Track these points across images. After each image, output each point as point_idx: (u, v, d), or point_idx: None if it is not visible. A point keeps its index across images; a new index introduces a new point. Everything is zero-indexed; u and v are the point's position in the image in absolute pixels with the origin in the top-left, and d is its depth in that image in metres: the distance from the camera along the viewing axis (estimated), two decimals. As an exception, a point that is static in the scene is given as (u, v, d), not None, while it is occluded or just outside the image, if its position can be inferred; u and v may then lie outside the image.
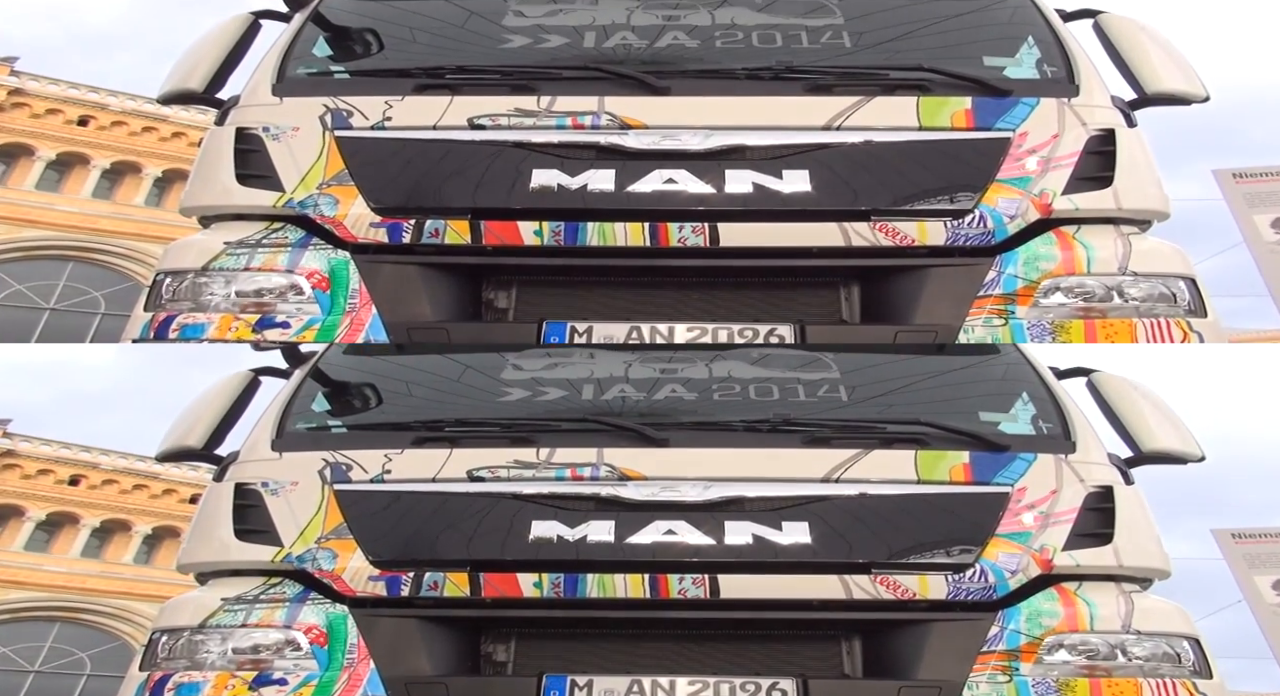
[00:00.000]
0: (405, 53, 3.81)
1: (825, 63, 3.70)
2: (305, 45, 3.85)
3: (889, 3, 3.95)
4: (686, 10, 3.87)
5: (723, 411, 3.73)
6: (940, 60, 3.69)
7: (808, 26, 3.84)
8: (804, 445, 3.53)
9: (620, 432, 3.55)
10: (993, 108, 3.62)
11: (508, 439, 3.57)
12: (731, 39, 3.81)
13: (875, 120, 3.60)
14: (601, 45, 3.78)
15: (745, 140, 3.53)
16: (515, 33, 3.84)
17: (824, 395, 3.81)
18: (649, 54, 3.74)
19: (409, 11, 3.96)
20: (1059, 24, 3.93)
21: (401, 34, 3.88)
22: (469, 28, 3.87)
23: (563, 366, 3.95)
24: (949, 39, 3.83)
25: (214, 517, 3.60)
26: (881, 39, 3.82)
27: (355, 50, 3.88)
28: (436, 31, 3.87)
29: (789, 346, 3.63)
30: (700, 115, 3.56)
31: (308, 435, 3.71)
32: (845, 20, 3.86)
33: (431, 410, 3.77)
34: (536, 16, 3.88)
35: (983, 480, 3.49)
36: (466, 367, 3.96)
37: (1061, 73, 3.76)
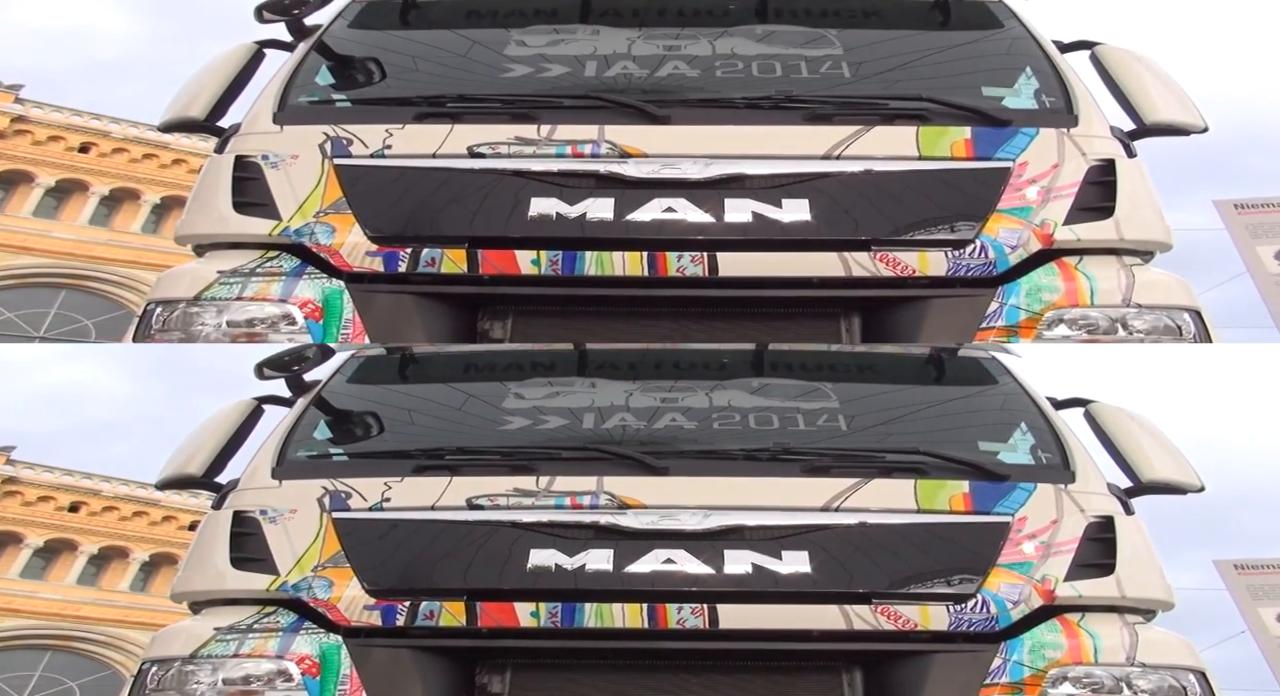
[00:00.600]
0: (407, 81, 3.83)
1: (824, 92, 3.72)
2: (308, 74, 3.87)
3: (887, 34, 3.98)
4: (687, 40, 3.90)
5: (723, 440, 3.73)
6: (939, 90, 3.70)
7: (807, 57, 3.86)
8: (804, 474, 3.52)
9: (620, 461, 3.54)
10: (992, 137, 3.63)
11: (508, 467, 3.57)
12: (731, 69, 3.83)
13: (875, 149, 3.60)
14: (602, 74, 3.80)
15: (745, 169, 3.54)
16: (517, 62, 3.85)
17: (823, 424, 3.82)
18: (649, 83, 3.76)
19: (412, 41, 3.99)
20: (1056, 55, 3.95)
21: (404, 63, 3.90)
22: (471, 57, 3.90)
23: (564, 395, 3.96)
24: (947, 69, 3.85)
25: (210, 546, 3.59)
26: (880, 69, 3.84)
27: (357, 79, 3.89)
28: (439, 61, 3.89)
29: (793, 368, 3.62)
30: (700, 144, 3.57)
31: (308, 463, 3.71)
32: (844, 51, 3.89)
33: (432, 438, 3.77)
34: (538, 46, 3.91)
35: (983, 509, 3.49)
36: (469, 396, 3.98)
37: (1060, 103, 3.77)
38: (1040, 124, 3.69)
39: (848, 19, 4.03)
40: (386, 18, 4.08)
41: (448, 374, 4.17)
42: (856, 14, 4.05)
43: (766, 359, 4.17)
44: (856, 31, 3.99)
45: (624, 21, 4.01)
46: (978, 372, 4.14)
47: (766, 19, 4.02)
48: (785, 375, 4.06)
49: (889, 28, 4.02)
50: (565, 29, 3.99)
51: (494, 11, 4.07)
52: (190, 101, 3.95)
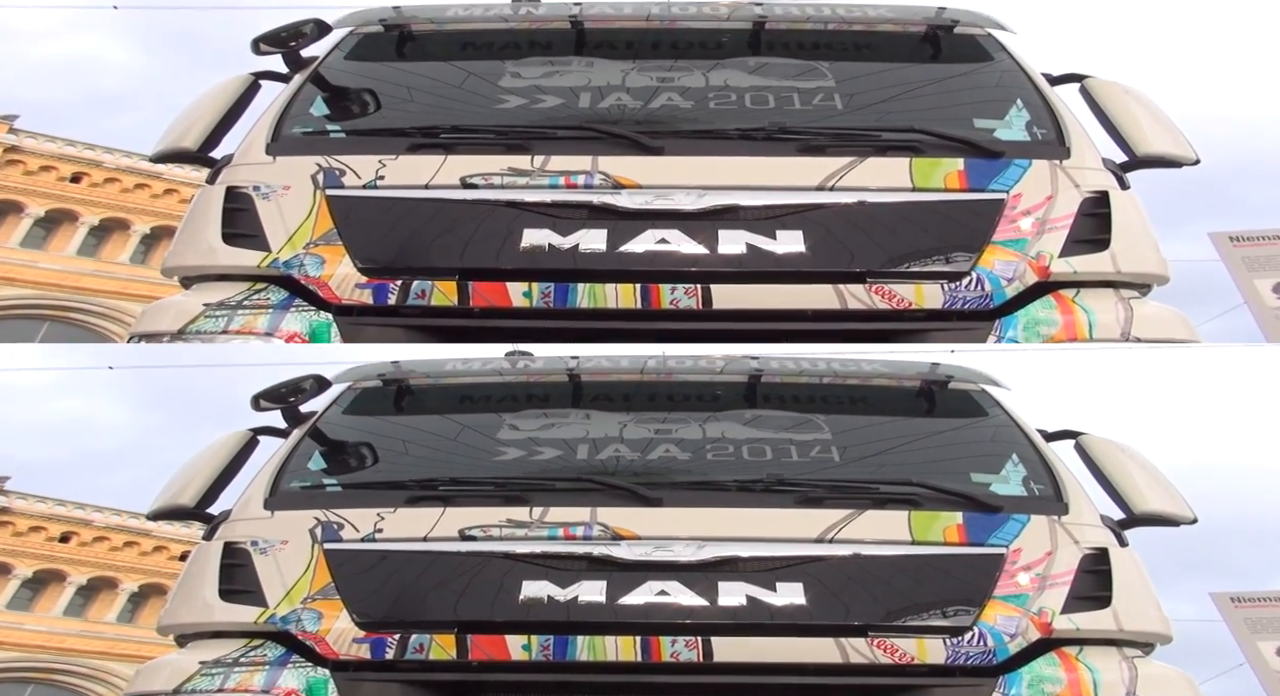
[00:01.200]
0: (401, 112, 3.82)
1: (817, 124, 3.71)
2: (302, 105, 3.86)
3: (878, 66, 3.97)
4: (680, 72, 3.89)
5: (716, 471, 3.72)
6: (931, 122, 3.69)
7: (799, 88, 3.85)
8: (797, 505, 3.51)
9: (614, 492, 3.53)
10: (985, 169, 3.62)
11: (501, 498, 3.55)
12: (725, 100, 3.82)
13: (868, 181, 3.59)
14: (596, 105, 3.78)
15: (739, 200, 3.52)
16: (511, 93, 3.84)
17: (816, 456, 3.81)
18: (643, 114, 3.75)
19: (408, 72, 3.98)
20: (1046, 87, 3.94)
21: (399, 94, 3.89)
22: (466, 88, 3.89)
23: (558, 426, 3.95)
24: (939, 101, 3.84)
25: (199, 577, 3.56)
26: (872, 101, 3.83)
27: (351, 110, 3.89)
28: (433, 92, 3.88)
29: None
30: (694, 175, 3.56)
31: (301, 494, 3.69)
32: (836, 82, 3.88)
33: (426, 469, 3.75)
34: (533, 77, 3.89)
35: (977, 541, 3.47)
36: (463, 427, 3.97)
37: (1051, 135, 3.76)
38: (1032, 156, 3.68)
39: (839, 51, 4.02)
40: (383, 49, 4.08)
41: (443, 405, 4.16)
42: (848, 46, 4.05)
43: (759, 391, 4.18)
44: (848, 64, 3.99)
45: (618, 53, 4.00)
46: (968, 405, 4.13)
47: (759, 51, 4.01)
48: (778, 407, 4.05)
49: (880, 60, 4.01)
50: (560, 61, 3.98)
51: (489, 43, 4.07)
52: (183, 133, 3.95)
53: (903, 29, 4.08)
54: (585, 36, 4.06)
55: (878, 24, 4.09)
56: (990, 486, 3.68)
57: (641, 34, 4.07)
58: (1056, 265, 3.58)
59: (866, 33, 4.07)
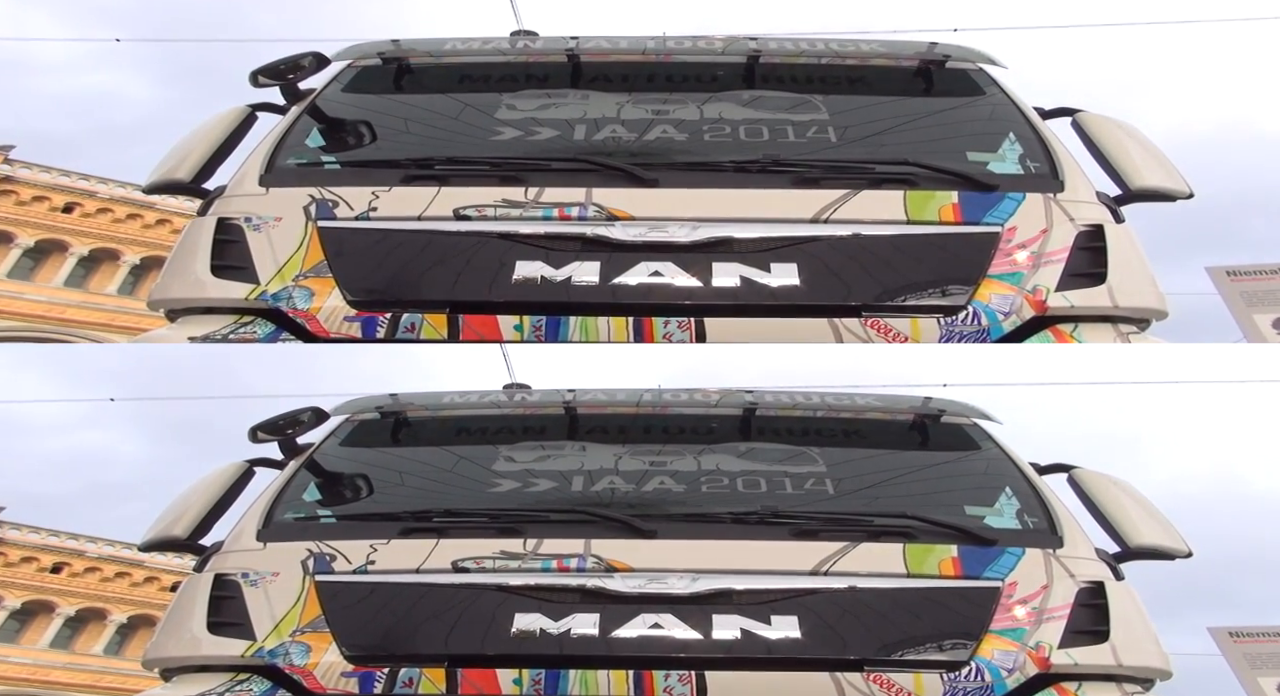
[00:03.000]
0: (396, 144, 3.82)
1: (811, 156, 3.70)
2: (298, 136, 3.85)
3: (871, 99, 3.97)
4: (675, 105, 3.88)
5: (711, 503, 3.71)
6: (924, 155, 3.68)
7: (793, 121, 3.85)
8: (792, 537, 3.50)
9: (608, 524, 3.51)
10: (979, 202, 3.60)
11: (495, 529, 3.53)
12: (719, 133, 3.81)
13: (863, 213, 3.57)
14: (591, 138, 3.77)
15: (733, 232, 3.50)
16: (506, 125, 3.84)
17: (811, 488, 3.80)
18: (638, 146, 3.74)
19: (404, 104, 3.97)
20: (1038, 121, 3.94)
21: (394, 126, 3.89)
22: (462, 120, 3.88)
23: (554, 458, 3.94)
24: (932, 134, 3.84)
25: (188, 610, 3.52)
26: (866, 133, 3.83)
27: (347, 141, 3.87)
28: (429, 123, 3.88)
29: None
30: (688, 207, 3.54)
31: (295, 525, 3.67)
32: (830, 115, 3.87)
33: (421, 501, 3.73)
34: (528, 110, 3.89)
35: (972, 574, 3.45)
36: (459, 459, 3.95)
37: (1045, 168, 3.75)
38: (1026, 188, 3.67)
39: (833, 85, 4.02)
40: (380, 82, 4.07)
41: (439, 437, 4.14)
42: (841, 80, 4.04)
43: (754, 424, 4.17)
44: (842, 97, 3.98)
45: (613, 86, 3.99)
46: (961, 438, 4.12)
47: (754, 84, 4.01)
48: (772, 439, 4.04)
49: (873, 94, 4.01)
50: (556, 93, 3.97)
51: (486, 76, 4.06)
52: (178, 163, 3.92)
53: (895, 63, 4.08)
54: (581, 69, 4.05)
55: (871, 58, 4.09)
56: (984, 519, 3.66)
57: (637, 67, 4.07)
58: (1053, 299, 3.55)
59: (860, 67, 4.07)
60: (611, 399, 4.27)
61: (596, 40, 4.15)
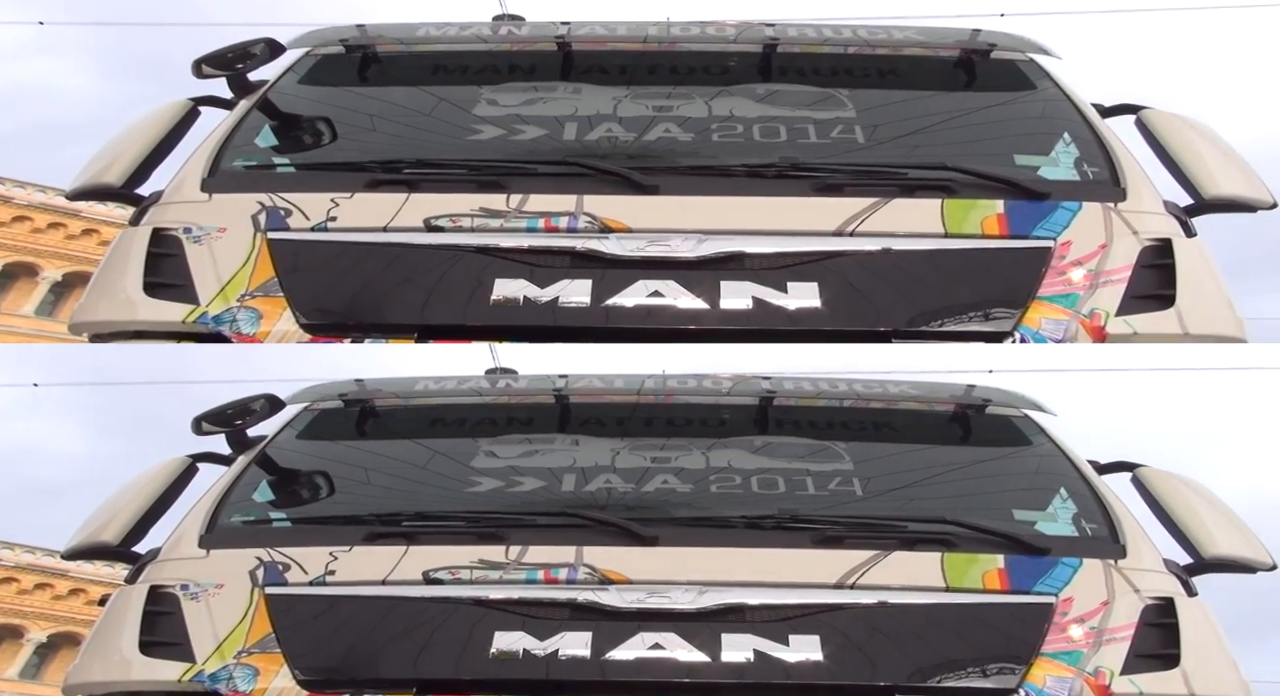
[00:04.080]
0: (360, 144, 3.68)
1: (836, 160, 3.56)
2: (247, 135, 3.70)
3: (906, 95, 3.85)
4: (680, 100, 3.77)
5: (721, 506, 3.60)
6: (966, 158, 3.54)
7: (816, 119, 3.73)
8: (814, 545, 3.37)
9: (603, 529, 3.38)
10: (1028, 212, 3.45)
11: (473, 535, 3.40)
12: (730, 132, 3.69)
13: (894, 225, 3.41)
14: (583, 137, 3.66)
15: (744, 247, 3.35)
16: (486, 123, 3.72)
17: (836, 488, 3.68)
18: (637, 148, 3.62)
19: (370, 98, 3.85)
20: (1097, 120, 3.79)
21: (359, 124, 3.76)
22: (436, 116, 3.76)
23: (542, 453, 3.83)
24: (974, 135, 3.71)
25: (117, 627, 3.39)
26: (898, 134, 3.70)
27: (304, 140, 3.74)
28: (399, 121, 3.75)
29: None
30: (693, 218, 3.40)
31: (243, 530, 3.54)
32: (858, 113, 3.75)
33: (389, 501, 3.62)
34: (511, 105, 3.77)
35: (1022, 588, 3.31)
36: (434, 454, 3.85)
37: (1104, 174, 3.60)
38: (1083, 197, 3.50)
39: (862, 78, 3.90)
40: (343, 73, 3.94)
41: (412, 429, 4.05)
42: (871, 72, 3.93)
43: (771, 415, 4.06)
44: (872, 91, 3.87)
45: (609, 79, 3.87)
46: (1009, 432, 3.99)
47: (770, 77, 3.89)
48: (792, 433, 3.95)
49: (908, 88, 3.89)
50: (543, 87, 3.86)
51: (464, 67, 3.95)
52: (107, 165, 3.75)
53: (933, 53, 3.96)
54: (573, 60, 3.94)
55: (904, 48, 3.97)
56: (1035, 525, 3.52)
57: (636, 57, 3.95)
58: (1113, 325, 3.39)
59: (892, 57, 3.95)
60: (608, 386, 4.15)
61: (591, 26, 4.04)
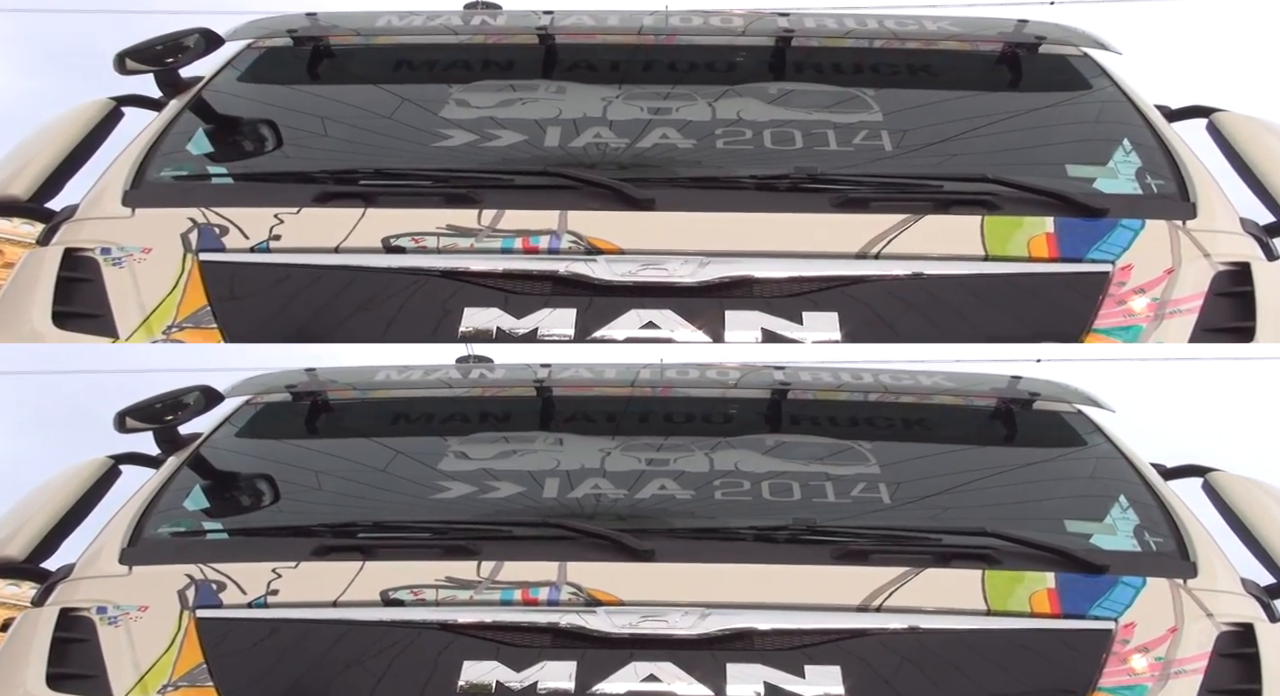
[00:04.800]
0: (309, 151, 3.56)
1: (859, 170, 3.42)
2: (178, 140, 3.57)
3: (940, 95, 3.74)
4: (679, 101, 3.65)
5: (727, 514, 3.48)
6: (1009, 168, 3.39)
7: (836, 123, 3.60)
8: (834, 560, 3.21)
9: (590, 541, 3.23)
10: (1083, 232, 3.30)
11: (440, 548, 3.24)
12: (737, 138, 3.56)
13: (927, 246, 3.26)
14: (568, 144, 3.52)
15: (752, 271, 3.19)
16: (455, 127, 3.58)
17: (860, 495, 3.54)
18: (629, 155, 3.49)
19: (322, 98, 3.73)
20: (1163, 124, 3.67)
21: (308, 128, 3.63)
22: (397, 119, 3.63)
23: (520, 454, 3.70)
24: (1019, 141, 3.59)
25: (20, 657, 3.21)
26: (931, 140, 3.57)
27: (244, 147, 3.61)
28: (355, 124, 3.63)
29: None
30: (694, 237, 3.25)
31: (172, 542, 3.39)
32: (885, 116, 3.63)
33: (343, 509, 3.48)
34: (485, 106, 3.64)
35: (1075, 612, 3.15)
36: (395, 454, 3.72)
37: (1170, 186, 3.46)
38: (1145, 214, 3.35)
39: (889, 76, 3.79)
40: (291, 69, 3.81)
41: (370, 426, 3.94)
42: (900, 69, 3.82)
43: (785, 410, 3.94)
44: (901, 92, 3.76)
45: (599, 77, 3.76)
46: (1060, 430, 3.87)
47: (784, 75, 3.78)
48: (810, 431, 3.83)
49: (943, 87, 3.78)
50: (522, 86, 3.73)
51: (430, 62, 3.84)
52: (11, 176, 3.59)
53: (972, 48, 3.85)
54: (556, 54, 3.82)
55: (939, 41, 3.85)
56: (1091, 538, 3.38)
57: (630, 52, 3.82)
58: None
59: (924, 52, 3.84)
60: (599, 377, 4.03)
61: (577, 16, 3.91)
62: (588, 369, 4.06)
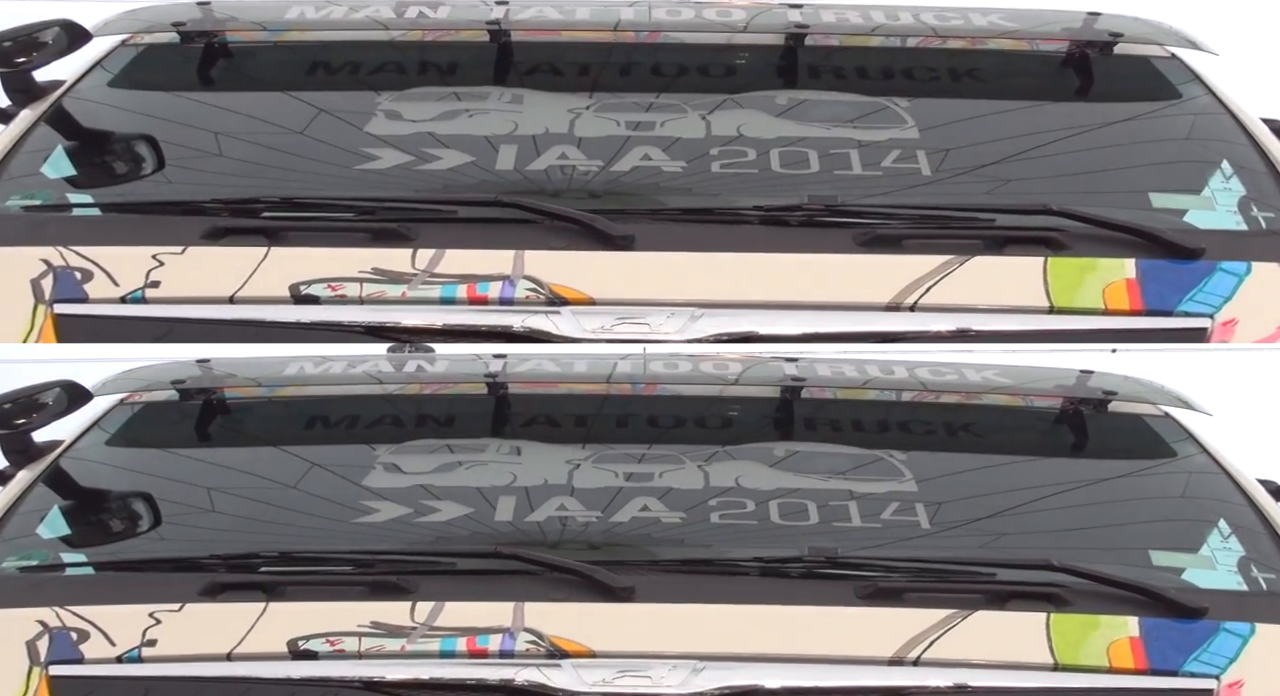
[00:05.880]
0: (199, 175, 3.37)
1: (889, 199, 3.27)
2: (30, 160, 3.37)
3: (991, 105, 3.61)
4: (665, 114, 3.49)
5: (726, 542, 3.30)
6: (1077, 196, 3.25)
7: (860, 141, 3.43)
8: (860, 601, 3.02)
9: (554, 576, 3.04)
10: (1172, 277, 3.16)
11: (364, 585, 3.04)
12: (737, 159, 3.39)
13: (975, 294, 3.18)
14: (525, 166, 3.34)
15: (757, 326, 3.06)
16: (384, 144, 3.41)
17: (892, 518, 3.38)
18: (602, 181, 3.31)
19: (215, 109, 3.56)
20: (1272, 142, 3.52)
21: (199, 145, 3.45)
22: (312, 135, 3.46)
23: (468, 467, 3.55)
24: (1090, 163, 3.43)
25: None
26: (981, 161, 3.41)
27: (114, 169, 3.43)
28: (256, 141, 3.46)
29: None
30: (682, 283, 3.08)
31: (21, 580, 3.19)
32: (922, 132, 3.47)
33: (241, 536, 3.32)
34: (423, 120, 3.47)
35: (1166, 667, 2.95)
36: (310, 467, 3.56)
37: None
38: (1252, 255, 3.19)
39: (928, 82, 3.63)
40: (176, 71, 3.62)
41: (277, 431, 3.78)
42: (941, 72, 3.66)
43: (798, 412, 3.74)
44: (942, 101, 3.59)
45: (565, 83, 3.58)
46: (1143, 439, 3.77)
47: (795, 81, 3.61)
48: (830, 438, 3.69)
49: (994, 96, 3.63)
50: (469, 94, 3.55)
51: (355, 64, 3.66)
52: None
53: (1031, 47, 3.68)
54: (512, 54, 3.63)
55: (990, 39, 3.66)
56: (1184, 573, 3.21)
57: (604, 52, 3.66)
58: None
59: (971, 53, 3.67)
60: (566, 371, 3.83)
61: (539, 7, 3.77)
62: (552, 360, 3.87)
